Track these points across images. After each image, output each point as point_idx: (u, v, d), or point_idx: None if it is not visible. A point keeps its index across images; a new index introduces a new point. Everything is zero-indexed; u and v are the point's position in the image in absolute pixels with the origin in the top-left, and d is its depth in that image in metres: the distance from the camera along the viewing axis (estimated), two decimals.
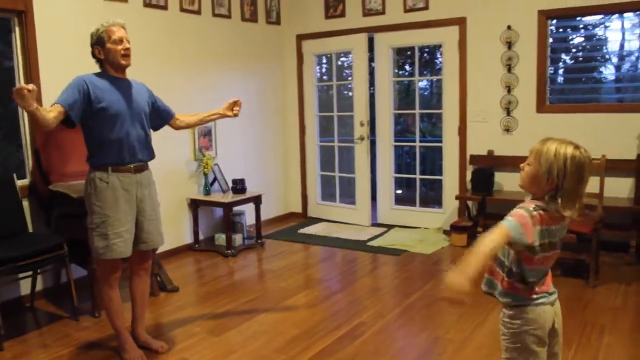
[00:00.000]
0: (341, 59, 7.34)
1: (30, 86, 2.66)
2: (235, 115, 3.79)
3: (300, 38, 6.95)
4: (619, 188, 5.22)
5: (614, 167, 5.05)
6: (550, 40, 5.58)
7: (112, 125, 3.18)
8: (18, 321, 4.09)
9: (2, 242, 3.88)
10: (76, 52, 4.69)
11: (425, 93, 8.57)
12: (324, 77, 7.27)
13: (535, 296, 2.07)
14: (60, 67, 4.56)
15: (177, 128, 3.79)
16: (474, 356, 3.33)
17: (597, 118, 5.30)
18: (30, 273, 4.26)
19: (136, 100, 3.32)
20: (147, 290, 3.60)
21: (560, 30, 5.63)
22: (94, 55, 3.26)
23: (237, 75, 6.34)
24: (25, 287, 4.39)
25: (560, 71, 5.98)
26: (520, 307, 2.08)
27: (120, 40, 3.18)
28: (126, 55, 3.22)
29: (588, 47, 5.82)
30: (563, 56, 6.06)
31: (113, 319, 3.39)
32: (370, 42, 6.50)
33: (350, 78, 6.83)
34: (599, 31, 5.71)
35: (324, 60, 7.24)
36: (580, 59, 5.96)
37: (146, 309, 3.67)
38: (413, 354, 3.39)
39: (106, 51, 3.19)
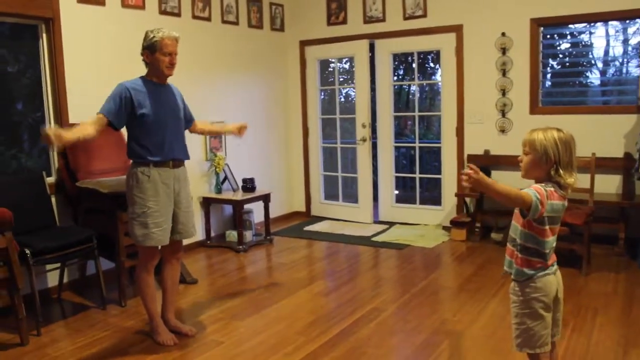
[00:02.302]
0: (341, 65, 7.63)
1: (52, 131, 3.00)
2: (240, 136, 4.13)
3: (303, 44, 7.25)
4: (608, 184, 5.56)
5: (603, 165, 5.41)
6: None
7: (153, 129, 3.46)
8: (48, 310, 4.34)
9: (36, 234, 4.13)
10: (101, 58, 4.98)
11: (418, 98, 8.89)
12: (324, 75, 7.56)
13: (542, 267, 2.38)
14: (85, 73, 4.84)
15: (191, 132, 4.06)
16: (480, 334, 3.64)
17: (586, 119, 5.64)
18: (58, 265, 4.52)
19: (174, 106, 3.61)
20: (178, 277, 3.88)
21: (548, 37, 5.98)
22: (142, 55, 3.51)
23: (243, 79, 6.62)
24: (52, 280, 4.63)
25: (549, 76, 6.31)
26: (530, 279, 2.39)
27: (170, 54, 3.45)
28: (170, 67, 3.50)
29: (574, 53, 6.17)
30: (551, 61, 6.40)
31: (148, 304, 3.66)
32: (371, 47, 6.81)
33: (342, 80, 7.13)
34: (584, 37, 6.06)
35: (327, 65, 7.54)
36: (567, 64, 6.31)
37: (177, 295, 3.94)
38: (424, 334, 3.68)
39: (154, 58, 3.45)
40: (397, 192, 7.35)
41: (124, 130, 3.59)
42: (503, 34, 5.96)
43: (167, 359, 3.43)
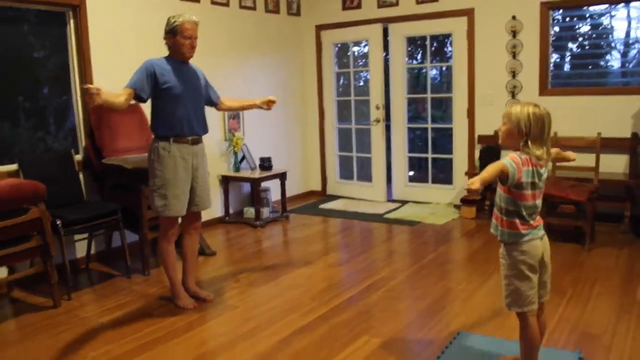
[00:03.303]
0: (355, 49, 7.83)
1: (95, 88, 3.18)
2: (269, 109, 4.28)
3: (319, 28, 7.46)
4: (615, 164, 5.70)
5: (610, 145, 5.54)
6: (557, 29, 6.06)
7: (175, 103, 3.71)
8: (77, 279, 4.64)
9: (65, 207, 4.42)
10: (125, 43, 5.23)
11: (436, 81, 8.99)
12: (344, 61, 7.75)
13: (528, 230, 2.58)
14: (111, 57, 5.10)
15: (219, 110, 4.30)
16: (481, 301, 3.85)
17: (594, 100, 5.78)
18: (86, 236, 4.82)
19: (195, 83, 3.86)
20: (197, 247, 4.14)
21: (567, 19, 6.07)
22: (164, 39, 3.76)
23: (261, 63, 6.86)
24: (80, 251, 4.94)
25: (567, 59, 6.40)
26: (517, 242, 2.60)
27: (190, 37, 3.70)
28: (191, 50, 3.75)
29: (594, 35, 6.23)
30: (570, 45, 6.46)
31: (168, 270, 3.93)
32: (384, 31, 6.99)
33: (362, 64, 7.33)
34: (605, 20, 6.09)
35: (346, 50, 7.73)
36: (587, 47, 6.36)
37: (196, 263, 4.21)
38: (429, 300, 3.91)
39: (175, 42, 3.70)
40: (412, 173, 7.56)
41: (146, 111, 3.85)
42: (513, 17, 6.10)
43: (187, 320, 3.70)
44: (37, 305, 4.07)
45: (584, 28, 6.24)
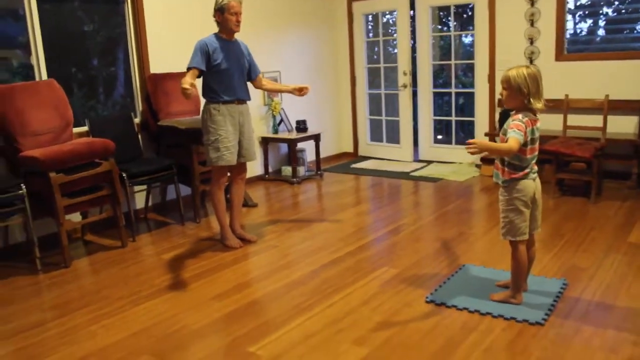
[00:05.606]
0: (387, 17, 8.31)
1: (189, 85, 3.85)
2: (302, 95, 4.75)
3: (351, 0, 7.96)
4: (626, 125, 6.12)
5: (620, 107, 5.97)
6: None
7: (224, 76, 4.36)
8: (138, 225, 5.36)
9: (128, 163, 5.11)
10: (177, 18, 5.85)
11: (470, 49, 9.30)
12: (375, 30, 8.25)
13: (524, 175, 3.12)
14: (164, 31, 5.73)
15: (256, 87, 4.84)
16: (489, 242, 4.43)
17: (608, 65, 6.17)
18: (145, 188, 5.53)
19: (241, 58, 4.50)
20: (242, 195, 4.81)
21: None
22: (214, 16, 4.38)
23: (296, 34, 7.43)
24: (139, 203, 5.65)
25: (602, 23, 6.67)
26: (512, 182, 3.15)
27: (236, 14, 4.31)
28: (237, 25, 4.36)
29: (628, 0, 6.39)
30: (605, 9, 6.68)
31: (219, 214, 4.61)
32: (412, 1, 7.46)
33: (391, 32, 7.83)
34: None
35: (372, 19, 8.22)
36: (623, 10, 6.59)
37: (241, 209, 4.88)
38: (442, 240, 4.51)
39: (224, 18, 4.32)
40: (440, 137, 8.06)
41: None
42: None
43: (234, 256, 4.39)
44: (107, 245, 4.81)
45: None
